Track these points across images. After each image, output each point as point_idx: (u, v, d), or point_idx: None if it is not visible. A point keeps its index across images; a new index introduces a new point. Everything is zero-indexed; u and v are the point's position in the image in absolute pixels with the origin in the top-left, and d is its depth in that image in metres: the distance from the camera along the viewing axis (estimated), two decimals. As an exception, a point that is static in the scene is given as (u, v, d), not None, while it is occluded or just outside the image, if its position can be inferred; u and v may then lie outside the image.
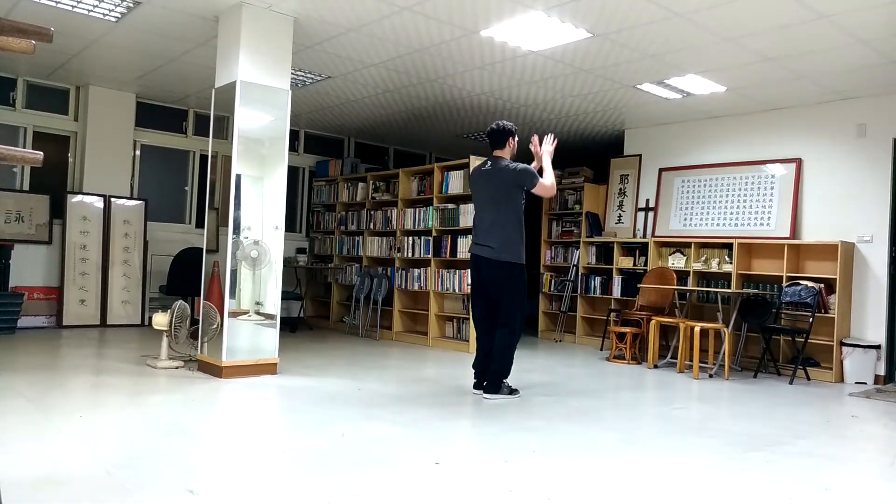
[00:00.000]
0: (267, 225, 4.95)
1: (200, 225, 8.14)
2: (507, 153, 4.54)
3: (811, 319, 5.80)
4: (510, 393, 4.44)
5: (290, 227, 8.95)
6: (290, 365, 5.25)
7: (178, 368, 4.92)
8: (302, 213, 9.24)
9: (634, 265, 7.47)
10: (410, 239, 7.47)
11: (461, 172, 6.94)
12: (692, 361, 5.73)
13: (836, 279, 5.95)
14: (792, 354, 6.22)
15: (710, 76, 5.84)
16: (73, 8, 4.98)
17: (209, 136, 5.18)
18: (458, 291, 6.89)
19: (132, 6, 4.91)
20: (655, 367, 6.14)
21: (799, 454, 3.36)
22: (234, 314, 4.81)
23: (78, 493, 2.37)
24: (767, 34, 4.80)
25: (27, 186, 7.10)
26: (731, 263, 6.59)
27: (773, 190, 6.72)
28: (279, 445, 3.15)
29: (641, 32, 4.91)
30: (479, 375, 4.55)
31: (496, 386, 4.41)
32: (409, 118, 8.14)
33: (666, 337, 6.80)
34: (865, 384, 5.77)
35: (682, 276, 6.95)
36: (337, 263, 8.50)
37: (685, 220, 7.36)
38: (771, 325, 6.02)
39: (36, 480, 2.45)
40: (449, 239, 6.98)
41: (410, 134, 9.09)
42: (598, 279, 7.83)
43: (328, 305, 8.62)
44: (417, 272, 7.34)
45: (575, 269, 8.02)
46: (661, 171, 7.69)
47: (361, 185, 8.28)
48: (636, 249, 7.53)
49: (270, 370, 4.87)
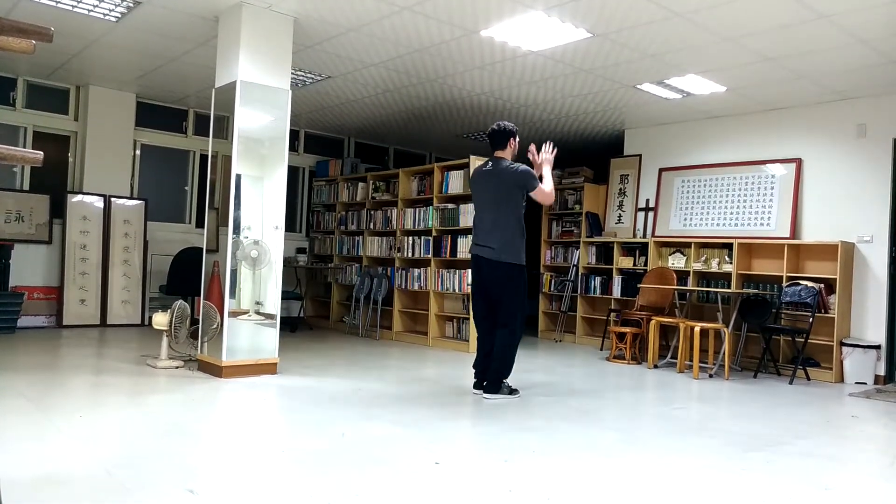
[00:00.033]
0: (267, 225, 4.95)
1: (200, 225, 8.14)
2: (508, 154, 4.54)
3: (811, 319, 5.80)
4: (510, 393, 4.44)
5: (290, 226, 8.95)
6: (290, 365, 5.25)
7: (178, 368, 4.92)
8: (302, 212, 9.24)
9: (634, 265, 7.47)
10: (410, 239, 7.47)
11: (461, 172, 6.94)
12: (692, 361, 5.73)
13: (836, 279, 5.95)
14: (792, 354, 6.22)
15: (710, 76, 5.84)
16: (73, 8, 4.98)
17: (209, 135, 5.18)
18: (458, 291, 6.89)
19: (132, 6, 4.91)
20: (655, 367, 6.14)
21: (799, 454, 3.36)
22: (234, 314, 4.81)
23: (78, 492, 2.37)
24: (767, 34, 4.80)
25: (27, 186, 7.10)
26: (731, 263, 6.60)
27: (773, 190, 6.72)
28: (279, 445, 3.15)
29: (641, 32, 4.91)
30: (479, 375, 4.55)
31: (496, 386, 4.41)
32: (409, 118, 8.14)
33: (666, 337, 6.80)
34: (865, 384, 5.77)
35: (682, 276, 6.95)
36: (337, 263, 8.51)
37: (685, 220, 7.36)
38: (771, 325, 6.03)
39: (36, 480, 2.45)
40: (449, 239, 6.98)
41: (410, 134, 9.09)
42: (598, 279, 7.83)
43: (328, 305, 8.62)
44: (417, 272, 7.34)
45: (575, 269, 8.02)
46: (661, 171, 7.69)
47: (361, 184, 8.28)
48: (636, 249, 7.53)
49: (270, 370, 4.87)
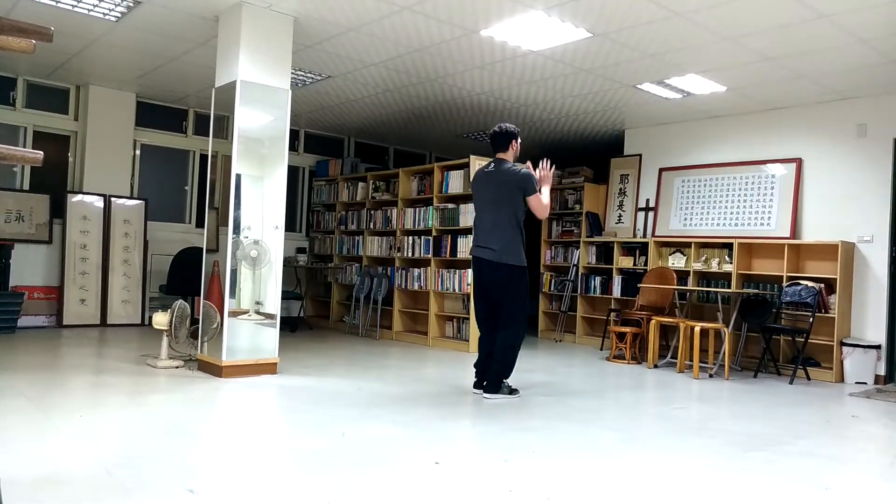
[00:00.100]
0: (267, 224, 4.95)
1: (200, 224, 8.14)
2: (510, 156, 4.54)
3: (811, 319, 5.80)
4: (510, 393, 4.44)
5: (290, 226, 8.95)
6: (290, 365, 5.25)
7: (178, 368, 4.92)
8: (302, 212, 9.24)
9: (634, 265, 7.47)
10: (410, 239, 7.47)
11: (461, 172, 6.94)
12: (692, 361, 5.73)
13: (836, 279, 5.95)
14: (792, 354, 6.22)
15: (710, 76, 5.84)
16: (73, 7, 4.98)
17: (209, 135, 5.18)
18: (458, 291, 6.89)
19: (132, 6, 4.91)
20: (655, 366, 6.14)
21: (799, 454, 3.36)
22: (234, 314, 4.81)
23: (78, 492, 2.37)
24: (767, 34, 4.80)
25: (27, 186, 7.10)
26: (731, 263, 6.59)
27: (773, 190, 6.72)
28: (279, 445, 3.15)
29: (641, 32, 4.91)
30: (479, 375, 4.55)
31: (496, 386, 4.41)
32: (409, 118, 8.14)
33: (666, 337, 6.80)
34: (865, 384, 5.77)
35: (682, 275, 6.95)
36: (337, 263, 8.51)
37: (685, 219, 7.36)
38: (771, 325, 6.02)
39: (36, 480, 2.45)
40: (449, 239, 6.98)
41: (410, 134, 9.09)
42: (598, 279, 7.83)
43: (328, 305, 8.62)
44: (417, 272, 7.34)
45: (575, 268, 8.02)
46: (661, 170, 7.69)
47: (361, 184, 8.28)
48: (636, 249, 7.53)
49: (270, 370, 4.87)
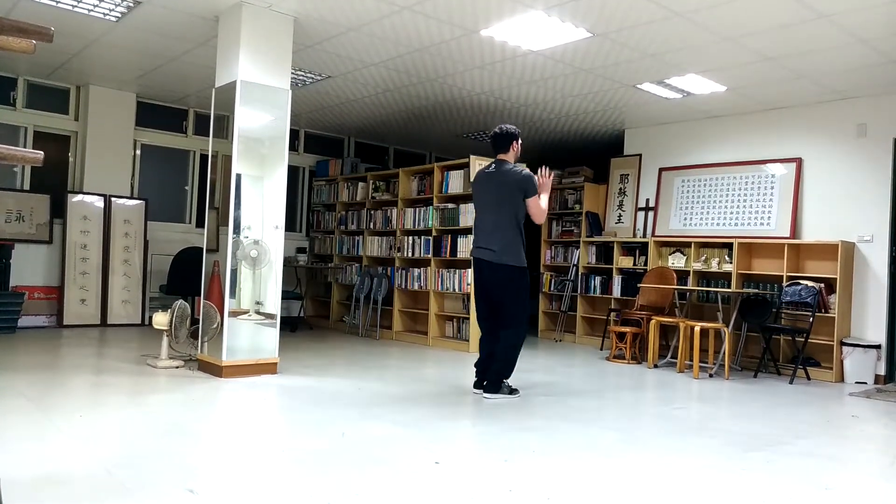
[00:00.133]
0: (267, 224, 4.95)
1: (201, 224, 8.14)
2: (511, 157, 4.54)
3: (811, 319, 5.80)
4: (510, 393, 4.44)
5: (290, 226, 8.95)
6: (290, 364, 5.25)
7: (178, 368, 4.92)
8: (302, 212, 9.24)
9: (634, 265, 7.47)
10: (410, 238, 7.47)
11: (461, 172, 6.94)
12: (692, 361, 5.73)
13: (836, 279, 5.95)
14: (792, 354, 6.22)
15: (710, 76, 5.84)
16: (73, 8, 4.98)
17: (209, 135, 5.18)
18: (458, 291, 6.89)
19: (132, 6, 4.91)
20: (655, 366, 6.14)
21: (799, 454, 3.36)
22: (234, 314, 4.81)
23: (78, 492, 2.37)
24: (767, 34, 4.80)
25: (28, 186, 7.10)
26: (731, 263, 6.59)
27: (773, 190, 6.72)
28: (279, 445, 3.15)
29: (641, 32, 4.91)
30: (479, 375, 4.55)
31: (496, 385, 4.41)
32: (409, 118, 8.14)
33: (666, 337, 6.80)
34: (866, 384, 5.77)
35: (682, 275, 6.95)
36: (337, 263, 8.51)
37: (685, 219, 7.36)
38: (771, 324, 6.03)
39: (36, 480, 2.45)
40: (449, 239, 6.98)
41: (410, 134, 9.09)
42: (598, 279, 7.83)
43: (328, 305, 8.62)
44: (417, 272, 7.34)
45: (575, 268, 8.02)
46: (661, 170, 7.69)
47: (361, 184, 8.28)
48: (636, 249, 7.53)
49: (270, 370, 4.87)
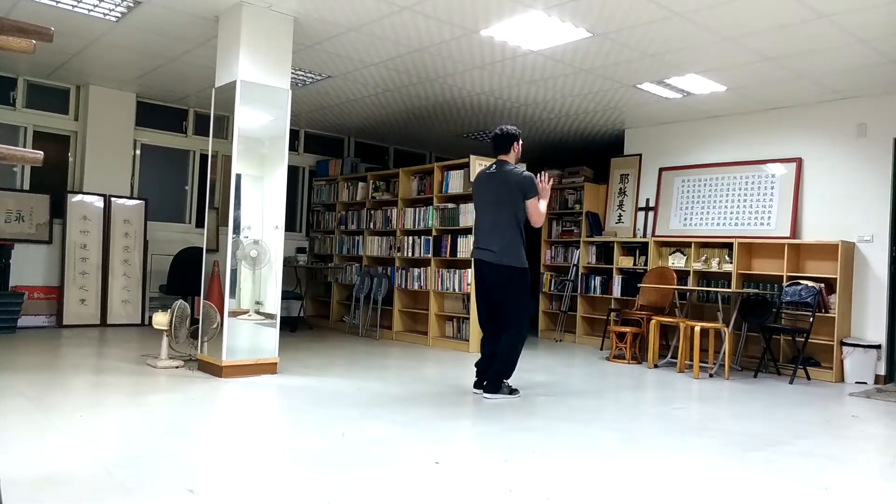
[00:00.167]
0: (267, 224, 4.95)
1: (200, 224, 8.14)
2: (511, 157, 4.55)
3: (811, 319, 5.80)
4: (510, 393, 4.44)
5: (290, 226, 8.95)
6: (290, 364, 5.25)
7: (178, 368, 4.92)
8: (302, 212, 9.24)
9: (634, 265, 7.47)
10: (410, 238, 7.47)
11: (461, 172, 6.94)
12: (692, 361, 5.73)
13: (836, 279, 5.95)
14: (792, 354, 6.22)
15: (710, 76, 5.84)
16: (73, 7, 4.98)
17: (209, 135, 5.18)
18: (458, 291, 6.89)
19: (132, 6, 4.91)
20: (655, 366, 6.14)
21: (799, 454, 3.36)
22: (234, 314, 4.81)
23: (78, 492, 2.37)
24: (767, 34, 4.80)
25: (27, 186, 7.10)
26: (731, 263, 6.59)
27: (773, 189, 6.72)
28: (279, 445, 3.15)
29: (641, 32, 4.91)
30: (479, 375, 4.55)
31: (496, 385, 4.41)
32: (409, 118, 8.14)
33: (666, 336, 6.80)
34: (866, 384, 5.77)
35: (682, 275, 6.95)
36: (337, 263, 8.51)
37: (685, 219, 7.36)
38: (771, 324, 6.02)
39: (36, 480, 2.45)
40: (449, 238, 6.98)
41: (410, 133, 9.09)
42: (598, 279, 7.83)
43: (328, 305, 8.62)
44: (417, 272, 7.34)
45: (575, 268, 8.02)
46: (661, 170, 7.69)
47: (361, 184, 8.28)
48: (636, 249, 7.53)
49: (270, 370, 4.87)
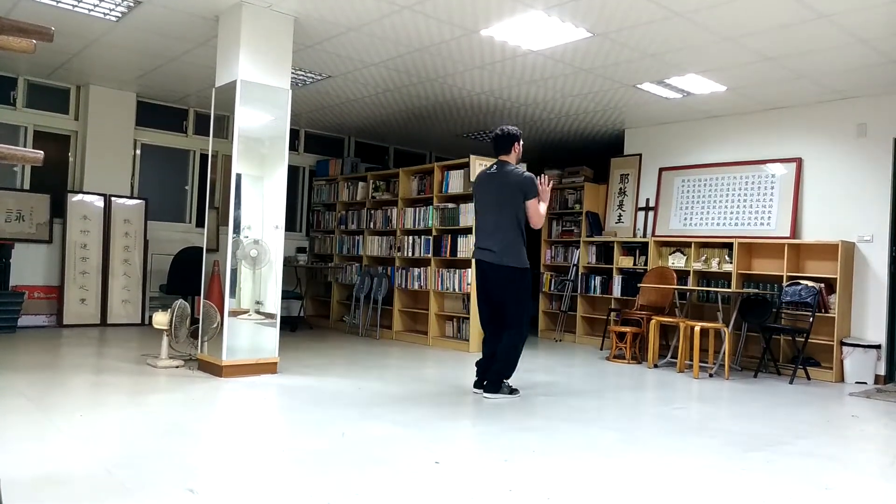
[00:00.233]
0: (267, 224, 4.95)
1: (201, 224, 8.14)
2: (512, 158, 4.55)
3: (811, 319, 5.80)
4: (510, 393, 4.44)
5: (290, 226, 8.95)
6: (290, 364, 5.25)
7: (178, 368, 4.92)
8: (302, 212, 9.24)
9: (634, 265, 7.47)
10: (410, 238, 7.47)
11: (461, 172, 6.94)
12: (692, 361, 5.73)
13: (836, 279, 5.95)
14: (792, 354, 6.22)
15: (710, 76, 5.84)
16: (73, 7, 4.98)
17: (209, 135, 5.18)
18: (458, 291, 6.89)
19: (132, 6, 4.91)
20: (655, 366, 6.14)
21: (799, 454, 3.36)
22: (234, 313, 4.81)
23: (78, 492, 2.37)
24: (767, 34, 4.80)
25: (28, 185, 7.10)
26: (731, 263, 6.59)
27: (773, 189, 6.72)
28: (279, 445, 3.15)
29: (641, 32, 4.91)
30: (480, 374, 4.55)
31: (496, 385, 4.41)
32: (409, 118, 8.14)
33: (666, 336, 6.80)
34: (866, 384, 5.77)
35: (682, 275, 6.95)
36: (337, 263, 8.51)
37: (685, 219, 7.36)
38: (771, 324, 6.02)
39: (36, 480, 2.45)
40: (449, 238, 6.98)
41: (410, 133, 9.09)
42: (598, 279, 7.83)
43: (328, 305, 8.62)
44: (417, 271, 7.34)
45: (575, 268, 8.02)
46: (661, 170, 7.69)
47: (361, 184, 8.28)
48: (636, 249, 7.53)
49: (270, 369, 4.87)
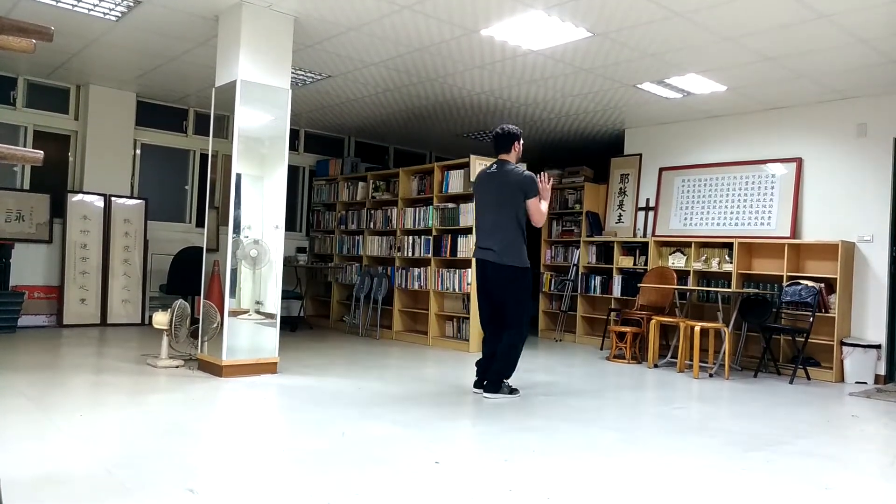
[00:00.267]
0: (267, 224, 4.95)
1: (201, 224, 8.14)
2: (512, 157, 4.55)
3: (811, 319, 5.80)
4: (510, 392, 4.44)
5: (290, 226, 8.95)
6: (290, 364, 5.25)
7: (178, 367, 4.92)
8: (302, 212, 9.24)
9: (634, 265, 7.46)
10: (410, 238, 7.47)
11: (461, 172, 6.94)
12: (692, 361, 5.73)
13: (836, 279, 5.95)
14: (792, 354, 6.22)
15: (710, 75, 5.84)
16: (73, 7, 4.98)
17: (209, 135, 5.18)
18: (458, 291, 6.89)
19: (132, 5, 4.90)
20: (655, 366, 6.14)
21: (799, 454, 3.36)
22: (234, 313, 4.81)
23: (78, 492, 2.37)
24: (767, 33, 4.80)
25: (28, 185, 7.10)
26: (731, 263, 6.59)
27: (773, 189, 6.72)
28: (279, 445, 3.15)
29: (641, 32, 4.91)
30: (480, 374, 4.55)
31: (496, 385, 4.40)
32: (409, 117, 8.14)
33: (666, 336, 6.80)
34: (866, 384, 5.77)
35: (682, 275, 6.95)
36: (337, 263, 8.50)
37: (685, 219, 7.36)
38: (771, 324, 6.02)
39: (36, 479, 2.45)
40: (449, 238, 6.98)
41: (410, 133, 9.09)
42: (598, 279, 7.83)
43: (328, 305, 8.62)
44: (417, 271, 7.34)
45: (575, 268, 8.02)
46: (661, 170, 7.69)
47: (361, 184, 8.28)
48: (636, 249, 7.53)
49: (270, 369, 4.87)
